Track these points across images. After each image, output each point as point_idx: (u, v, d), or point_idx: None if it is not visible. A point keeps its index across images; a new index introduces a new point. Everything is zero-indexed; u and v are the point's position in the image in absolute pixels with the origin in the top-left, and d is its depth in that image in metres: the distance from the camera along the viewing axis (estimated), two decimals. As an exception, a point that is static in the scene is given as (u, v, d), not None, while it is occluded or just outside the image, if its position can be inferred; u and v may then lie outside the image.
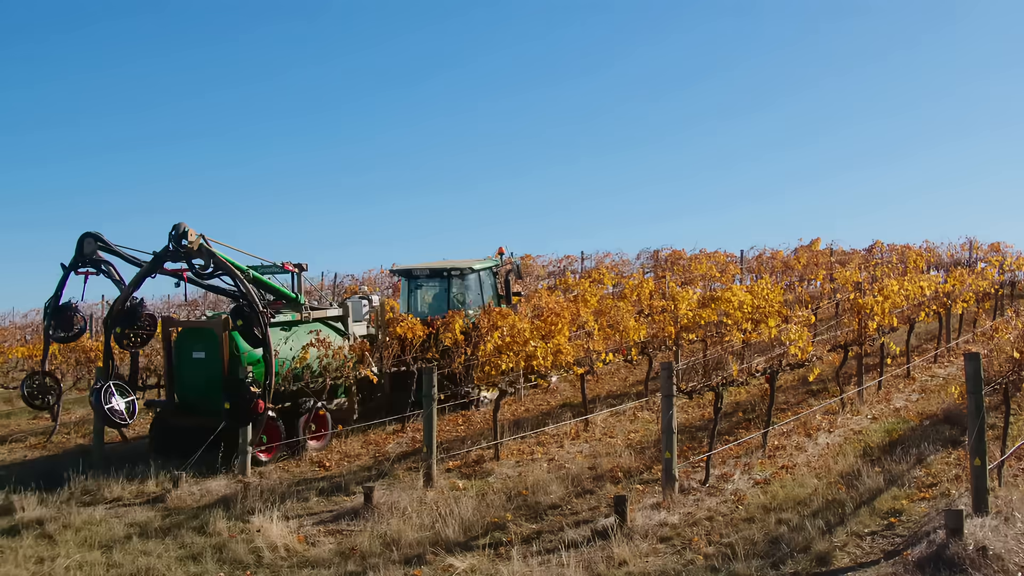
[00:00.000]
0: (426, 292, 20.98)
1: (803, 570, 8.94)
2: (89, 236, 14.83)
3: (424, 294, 20.99)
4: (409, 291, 21.00)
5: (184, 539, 10.95)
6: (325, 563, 9.94)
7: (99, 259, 14.91)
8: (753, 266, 35.48)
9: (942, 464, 12.22)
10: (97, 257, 14.89)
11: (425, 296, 20.95)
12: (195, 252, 14.46)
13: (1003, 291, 27.96)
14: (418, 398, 14.22)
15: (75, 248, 14.86)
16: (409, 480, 12.96)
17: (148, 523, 11.67)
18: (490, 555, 9.86)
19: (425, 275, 20.68)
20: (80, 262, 14.92)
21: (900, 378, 18.57)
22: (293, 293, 16.71)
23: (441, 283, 20.40)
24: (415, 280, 20.92)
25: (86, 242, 14.84)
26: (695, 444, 14.02)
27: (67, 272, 15.05)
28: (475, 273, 20.37)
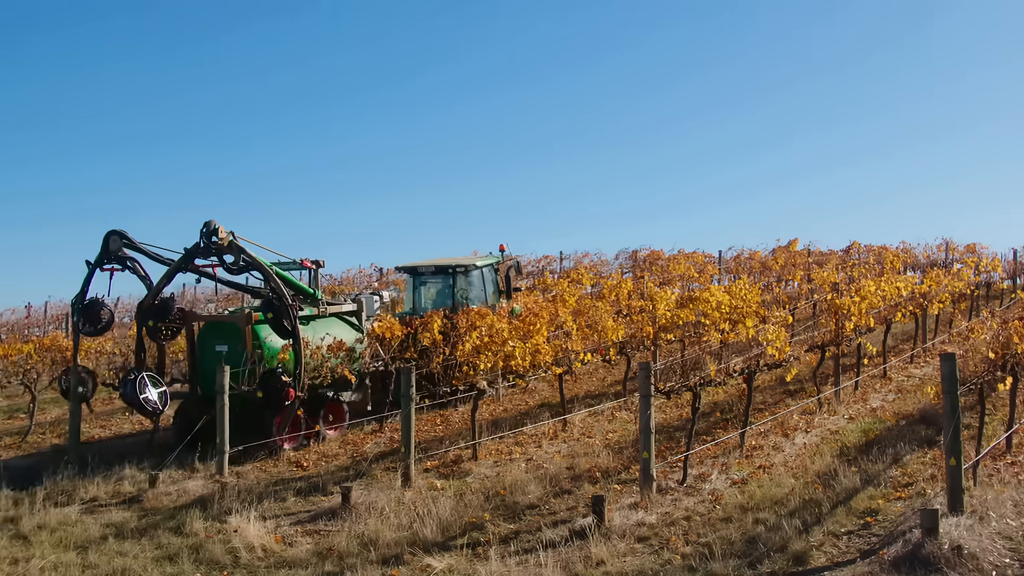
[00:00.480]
0: (430, 288, 21.49)
1: (780, 569, 8.96)
2: (114, 233, 15.41)
3: (428, 290, 21.51)
4: (414, 288, 21.56)
5: (160, 539, 10.88)
6: (302, 563, 9.90)
7: (124, 256, 15.46)
8: (731, 266, 35.59)
9: (918, 464, 12.28)
10: (123, 254, 15.44)
11: (429, 292, 21.46)
12: (225, 248, 15.11)
13: (979, 292, 28.14)
14: (396, 398, 14.21)
15: (100, 245, 15.43)
16: (387, 480, 12.93)
17: (124, 523, 11.59)
18: (468, 555, 9.84)
19: (430, 272, 21.11)
20: (105, 259, 15.48)
21: (877, 378, 18.66)
22: (311, 289, 17.04)
23: (445, 280, 20.83)
24: (420, 277, 21.41)
25: (111, 239, 15.42)
26: (673, 444, 14.04)
27: (93, 269, 15.61)
28: (478, 270, 20.98)
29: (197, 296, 37.97)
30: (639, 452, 11.52)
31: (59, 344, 19.65)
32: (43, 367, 19.63)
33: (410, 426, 12.74)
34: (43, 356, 19.50)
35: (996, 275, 30.60)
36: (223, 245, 15.08)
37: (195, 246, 15.24)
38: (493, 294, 21.35)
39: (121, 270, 15.74)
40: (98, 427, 19.03)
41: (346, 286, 35.58)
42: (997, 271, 30.31)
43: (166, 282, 15.78)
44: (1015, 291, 30.53)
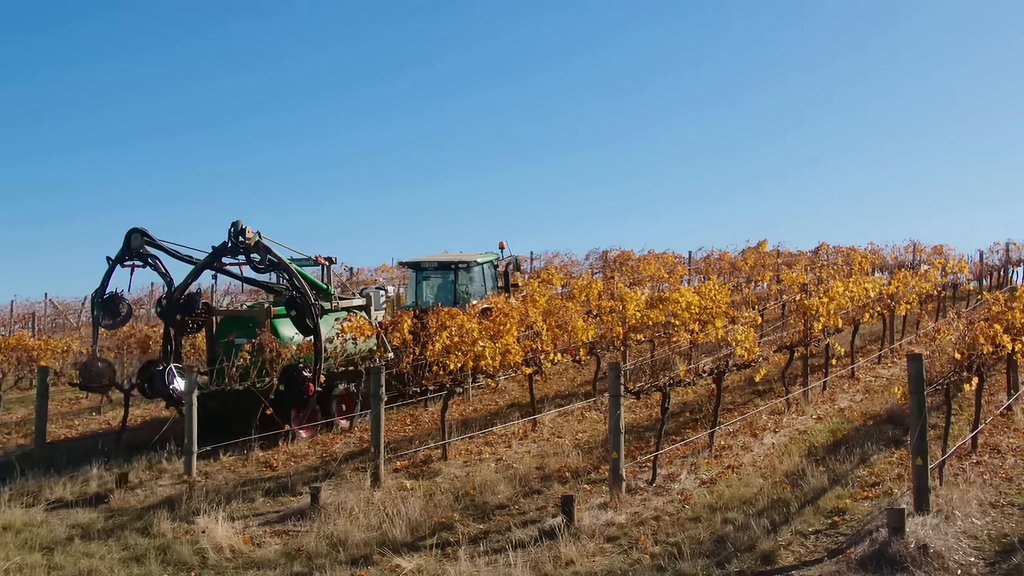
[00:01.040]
0: (433, 283, 22.19)
1: (748, 569, 9.00)
2: (136, 231, 16.11)
3: (431, 285, 22.19)
4: (417, 282, 22.30)
5: (127, 540, 10.81)
6: (271, 564, 9.87)
7: (146, 253, 16.16)
8: (701, 267, 35.75)
9: (885, 463, 12.36)
10: (144, 251, 16.15)
11: (431, 287, 22.15)
12: (252, 248, 15.76)
13: (945, 293, 28.35)
14: (366, 398, 14.18)
15: (122, 242, 16.10)
16: (356, 480, 12.89)
17: (91, 524, 11.51)
18: (437, 555, 9.84)
19: (433, 268, 21.91)
20: (127, 255, 16.18)
21: (845, 378, 18.77)
22: (324, 284, 17.65)
23: (446, 275, 21.61)
24: (423, 272, 22.16)
25: (133, 237, 16.12)
26: (642, 444, 14.07)
27: (113, 264, 16.29)
28: (479, 266, 21.93)
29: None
30: (609, 452, 11.54)
31: (25, 344, 19.50)
32: (8, 367, 19.48)
33: (380, 426, 12.71)
34: (8, 356, 19.35)
35: (962, 276, 30.81)
36: (250, 244, 15.71)
37: (223, 245, 15.86)
38: (492, 289, 22.17)
39: (142, 266, 16.37)
40: (64, 427, 18.86)
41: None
42: (963, 272, 30.52)
43: (193, 279, 16.50)
44: (981, 292, 30.77)
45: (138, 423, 17.82)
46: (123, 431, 16.06)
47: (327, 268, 18.43)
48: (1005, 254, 34.94)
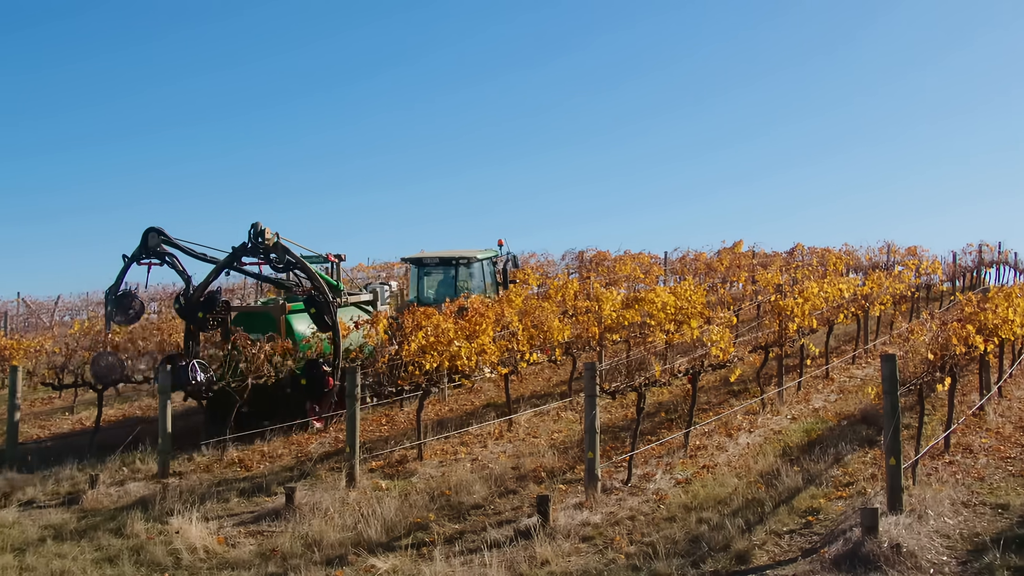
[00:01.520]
0: (433, 279, 23.10)
1: (723, 568, 9.03)
2: (153, 231, 16.55)
3: (432, 280, 23.11)
4: (418, 278, 23.20)
5: (100, 541, 10.74)
6: (245, 564, 9.82)
7: (163, 251, 16.60)
8: (677, 267, 35.84)
9: (859, 463, 12.42)
10: (161, 250, 16.58)
11: (432, 282, 23.05)
12: (271, 248, 16.35)
13: (919, 294, 28.54)
14: (341, 397, 14.17)
15: (140, 241, 16.49)
16: (331, 480, 12.85)
17: (63, 525, 11.42)
18: (412, 555, 9.82)
19: (434, 263, 22.91)
20: (143, 254, 16.60)
21: (819, 379, 18.85)
22: (334, 280, 18.36)
23: (447, 271, 22.58)
24: (424, 268, 23.15)
25: (150, 236, 16.55)
26: (618, 444, 14.09)
27: (129, 262, 16.74)
28: (479, 262, 22.83)
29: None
30: (584, 452, 11.55)
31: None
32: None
33: (355, 426, 12.69)
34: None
35: (936, 277, 31.04)
36: (269, 245, 16.29)
37: (242, 245, 16.36)
38: (491, 285, 23.03)
39: (160, 264, 16.82)
40: (37, 427, 18.74)
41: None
42: (937, 273, 30.74)
43: (214, 277, 16.91)
44: (954, 293, 31.01)
45: (112, 423, 17.70)
46: (96, 431, 15.97)
47: (336, 265, 19.28)
48: (978, 255, 35.21)
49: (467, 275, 22.46)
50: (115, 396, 20.75)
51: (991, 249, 36.50)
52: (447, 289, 22.03)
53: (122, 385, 16.83)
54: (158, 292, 36.59)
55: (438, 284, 22.85)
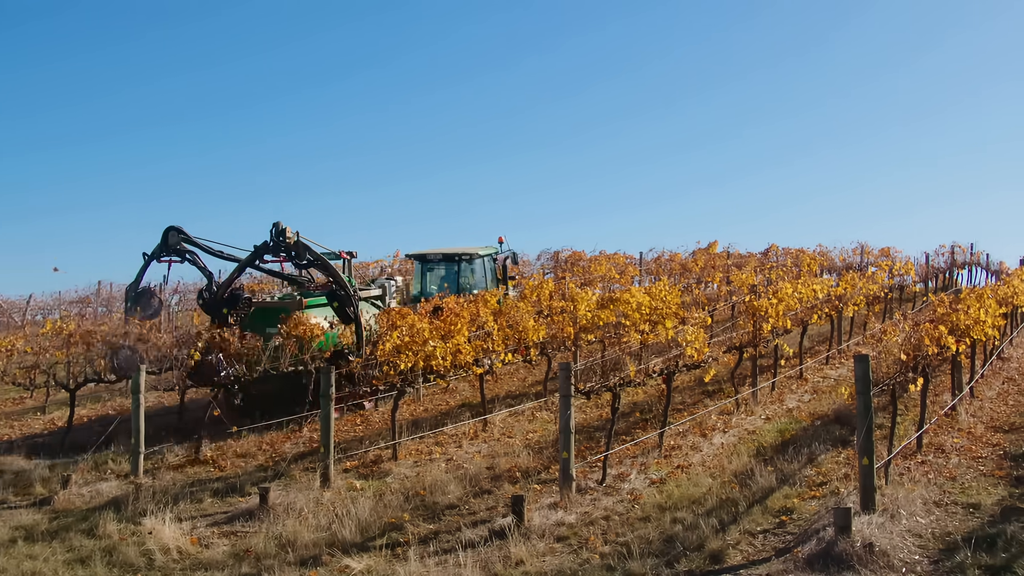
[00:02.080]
0: (437, 274, 23.96)
1: (697, 568, 9.05)
2: (173, 229, 17.28)
3: (435, 276, 23.98)
4: (422, 273, 24.13)
5: (72, 542, 10.65)
6: (219, 565, 9.77)
7: (183, 249, 17.31)
8: (652, 268, 35.92)
9: (832, 463, 12.48)
10: (181, 247, 17.29)
11: (436, 278, 23.91)
12: (292, 246, 16.99)
13: (892, 295, 28.72)
14: (316, 397, 14.13)
15: (160, 239, 17.21)
16: (306, 481, 12.81)
17: (34, 526, 11.32)
18: (387, 556, 9.79)
19: (437, 259, 23.81)
20: (164, 251, 17.31)
21: (793, 379, 18.94)
22: (346, 276, 18.74)
23: (450, 267, 23.50)
24: (428, 264, 24.04)
25: (170, 234, 17.26)
26: (593, 444, 14.10)
27: (149, 260, 17.46)
28: (480, 259, 23.77)
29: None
30: (559, 452, 11.55)
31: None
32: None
33: (329, 426, 12.65)
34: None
35: (909, 278, 31.26)
36: (290, 243, 16.93)
37: (264, 244, 17.04)
38: (492, 281, 23.96)
39: (180, 262, 17.54)
40: (7, 427, 18.58)
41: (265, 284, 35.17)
42: (910, 274, 30.96)
43: (238, 274, 17.85)
44: (927, 294, 31.24)
45: (84, 422, 17.58)
46: (69, 431, 15.87)
47: (348, 262, 19.93)
48: (950, 257, 35.45)
49: (469, 271, 23.40)
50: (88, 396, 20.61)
51: (963, 250, 36.77)
52: (450, 285, 22.93)
53: (93, 385, 16.74)
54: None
55: (441, 280, 23.67)
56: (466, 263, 23.37)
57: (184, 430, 15.99)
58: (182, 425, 16.64)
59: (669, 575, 8.95)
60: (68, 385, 16.04)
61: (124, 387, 18.70)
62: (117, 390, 20.53)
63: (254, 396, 16.32)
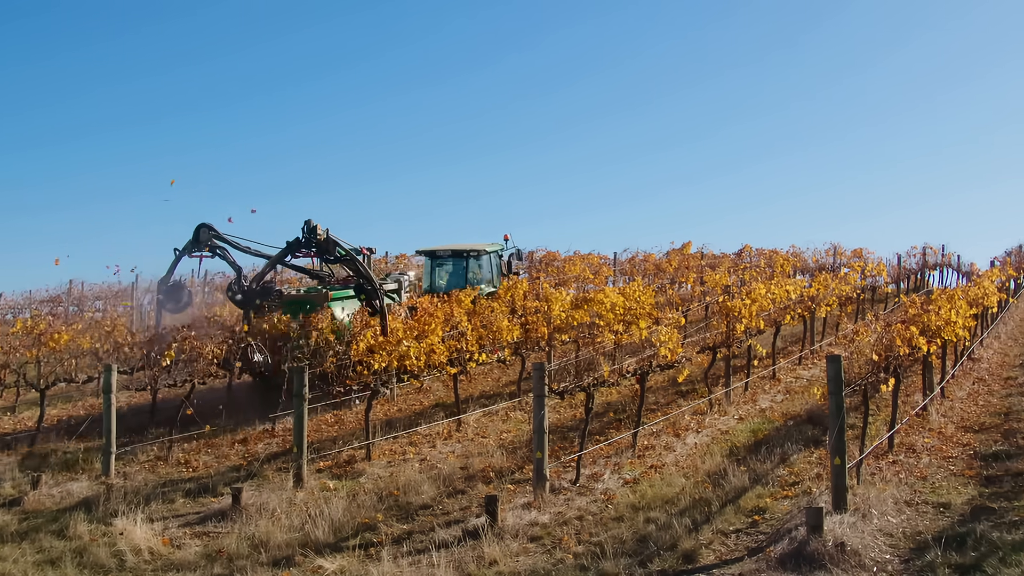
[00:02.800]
0: (446, 270, 25.15)
1: (670, 568, 9.07)
2: (204, 226, 18.47)
3: (444, 271, 25.15)
4: (432, 269, 25.24)
5: (42, 543, 10.56)
6: (191, 566, 9.72)
7: (214, 245, 18.51)
8: (626, 268, 36.00)
9: (805, 463, 12.54)
10: (212, 243, 18.49)
11: (444, 273, 25.10)
12: (323, 242, 17.98)
13: (864, 295, 28.87)
14: (289, 397, 14.10)
15: (192, 235, 18.47)
16: (279, 481, 12.76)
17: (4, 527, 11.22)
18: (360, 556, 9.77)
19: (447, 255, 24.98)
20: (195, 247, 18.56)
21: (766, 379, 19.01)
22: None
23: (458, 263, 24.68)
24: (438, 259, 25.20)
25: (201, 231, 18.47)
26: (566, 444, 14.11)
27: (181, 255, 18.77)
28: (487, 255, 24.97)
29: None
30: (533, 452, 11.56)
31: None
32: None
33: (303, 426, 12.60)
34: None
35: (881, 279, 31.43)
36: (321, 239, 17.89)
37: (296, 240, 18.12)
38: (497, 276, 25.12)
39: (211, 257, 18.76)
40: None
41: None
42: (882, 275, 31.13)
43: (270, 268, 19.09)
44: (899, 295, 31.43)
45: (54, 423, 17.44)
46: (39, 431, 15.75)
47: (368, 257, 20.18)
48: (922, 258, 35.70)
49: (476, 267, 24.57)
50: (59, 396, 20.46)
51: (935, 252, 37.03)
52: (458, 279, 24.17)
53: (63, 384, 16.65)
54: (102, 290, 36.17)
55: (449, 275, 24.87)
56: (474, 259, 24.50)
57: (157, 430, 15.89)
58: (154, 425, 16.53)
59: (642, 575, 8.97)
60: (38, 385, 15.92)
61: (95, 387, 18.57)
62: (88, 390, 20.38)
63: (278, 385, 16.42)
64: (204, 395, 17.70)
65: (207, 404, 16.50)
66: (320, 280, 20.69)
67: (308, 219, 17.89)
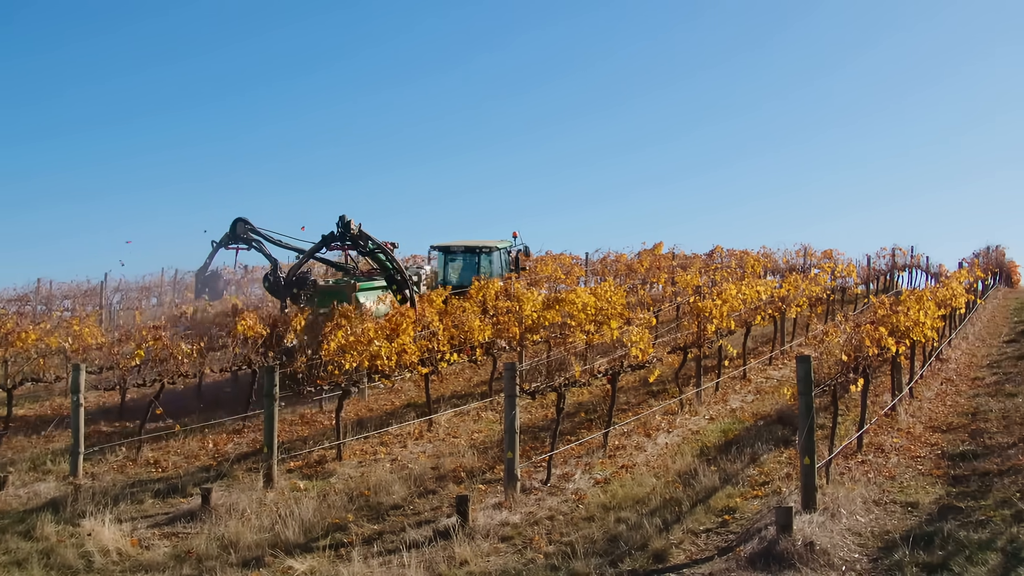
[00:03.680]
0: (458, 264, 26.55)
1: (641, 567, 9.09)
2: (240, 220, 20.34)
3: (457, 266, 26.56)
4: (445, 263, 26.75)
5: (8, 544, 10.45)
6: (160, 567, 9.66)
7: (250, 238, 20.31)
8: (598, 268, 36.03)
9: (774, 463, 12.60)
10: (247, 236, 20.26)
11: (457, 267, 26.49)
12: (356, 236, 19.55)
13: (834, 296, 29.02)
14: (259, 397, 14.05)
15: (229, 228, 20.28)
16: (249, 481, 12.69)
17: (-31, 528, 11.13)
18: (330, 556, 9.75)
19: (460, 251, 26.55)
20: (231, 240, 20.34)
21: (737, 379, 19.08)
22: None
23: (470, 258, 26.16)
24: (451, 254, 26.75)
25: (238, 225, 20.30)
26: (538, 444, 14.12)
27: (218, 247, 20.66)
28: (498, 251, 26.58)
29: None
30: (504, 452, 11.56)
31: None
32: None
33: (273, 425, 12.55)
34: None
35: (851, 280, 31.62)
36: (354, 234, 19.45)
37: (331, 234, 19.59)
38: (506, 270, 26.65)
39: (247, 249, 20.56)
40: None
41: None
42: (852, 276, 31.33)
43: (306, 260, 20.38)
44: (868, 296, 31.62)
45: (21, 423, 17.28)
46: (5, 431, 15.60)
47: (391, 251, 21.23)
48: (891, 259, 35.93)
49: (487, 262, 26.00)
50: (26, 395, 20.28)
51: (904, 253, 37.29)
52: (469, 273, 25.28)
53: (31, 384, 16.51)
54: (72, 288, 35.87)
55: (461, 269, 26.25)
56: (485, 255, 25.98)
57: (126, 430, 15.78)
58: (124, 424, 16.41)
59: (613, 574, 8.99)
60: (5, 385, 15.77)
61: (64, 387, 18.41)
62: (57, 390, 20.20)
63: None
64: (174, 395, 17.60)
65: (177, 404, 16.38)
66: (345, 272, 21.97)
67: (342, 215, 19.26)
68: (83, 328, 18.59)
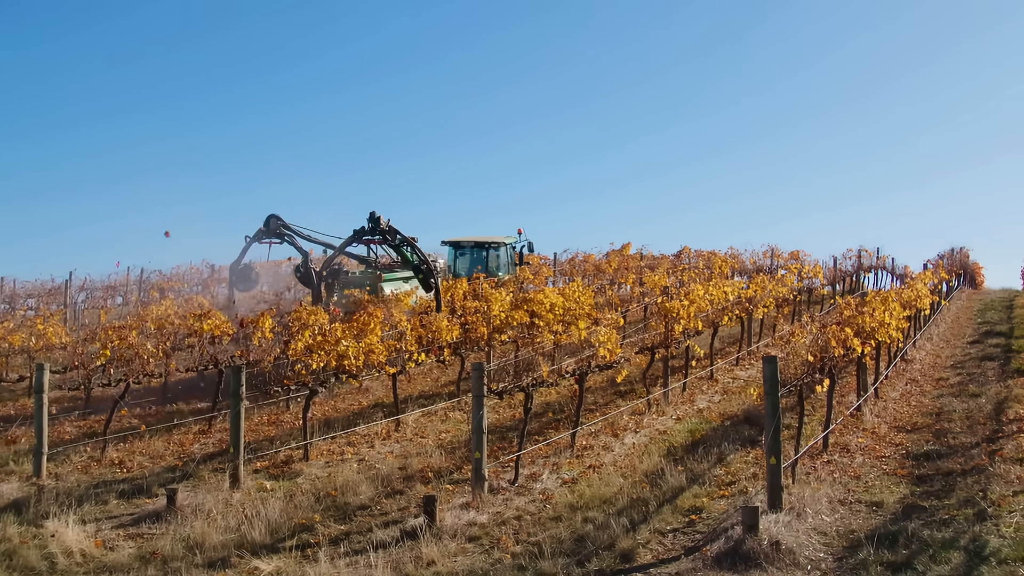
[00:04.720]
0: (467, 259, 28.74)
1: (608, 567, 9.11)
2: (273, 216, 21.77)
3: (465, 260, 28.80)
4: (455, 258, 29.05)
5: (-31, 546, 10.35)
6: (124, 568, 9.58)
7: (282, 232, 21.71)
8: (566, 269, 36.06)
9: (741, 463, 12.65)
10: (280, 231, 21.66)
11: (466, 262, 28.61)
12: (385, 230, 21.06)
13: (801, 297, 29.22)
14: (225, 397, 13.97)
15: (263, 224, 21.66)
16: (215, 481, 12.62)
17: (-70, 530, 10.98)
18: (297, 557, 9.70)
19: (470, 246, 28.84)
20: (264, 235, 21.71)
21: (704, 380, 19.15)
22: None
23: (479, 253, 28.35)
24: (460, 249, 29.08)
25: (271, 220, 21.70)
26: (506, 444, 14.12)
27: (251, 241, 21.98)
28: (504, 247, 28.92)
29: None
30: (472, 452, 11.55)
31: None
32: None
33: (240, 426, 12.47)
34: None
35: (817, 281, 31.80)
36: (384, 229, 20.96)
37: (362, 229, 21.15)
38: (511, 265, 28.96)
39: (280, 243, 21.98)
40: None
41: (175, 282, 34.70)
42: (818, 277, 31.51)
43: (338, 253, 21.86)
44: (834, 297, 31.83)
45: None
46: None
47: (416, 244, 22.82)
48: (857, 260, 36.17)
49: (495, 256, 28.17)
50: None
51: (870, 254, 37.53)
52: (479, 267, 27.30)
53: None
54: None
55: (470, 263, 28.33)
56: (492, 250, 28.19)
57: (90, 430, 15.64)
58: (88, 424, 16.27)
59: (580, 574, 9.01)
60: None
61: (27, 386, 18.25)
62: (20, 390, 20.01)
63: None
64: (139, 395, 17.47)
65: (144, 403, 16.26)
66: (368, 265, 23.16)
67: (372, 211, 20.78)
68: (47, 327, 18.43)
